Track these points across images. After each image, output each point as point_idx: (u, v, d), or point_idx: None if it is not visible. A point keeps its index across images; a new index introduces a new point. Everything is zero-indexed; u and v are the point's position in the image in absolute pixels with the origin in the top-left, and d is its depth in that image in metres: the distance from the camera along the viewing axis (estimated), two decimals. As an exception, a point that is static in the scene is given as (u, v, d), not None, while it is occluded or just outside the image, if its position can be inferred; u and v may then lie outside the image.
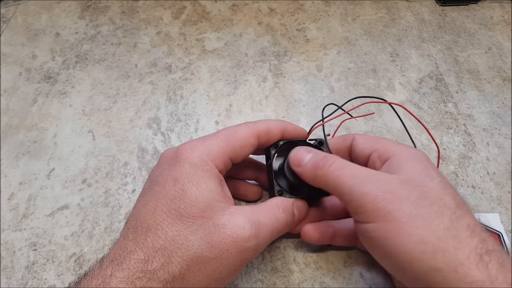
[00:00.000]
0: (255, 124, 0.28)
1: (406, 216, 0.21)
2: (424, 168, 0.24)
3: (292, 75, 0.44)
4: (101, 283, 0.21)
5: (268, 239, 0.25)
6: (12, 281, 0.30)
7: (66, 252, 0.32)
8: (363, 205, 0.23)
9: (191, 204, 0.23)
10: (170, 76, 0.44)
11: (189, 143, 0.26)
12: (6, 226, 0.33)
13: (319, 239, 0.29)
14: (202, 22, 0.50)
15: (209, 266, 0.23)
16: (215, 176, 0.25)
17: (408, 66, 0.45)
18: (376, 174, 0.24)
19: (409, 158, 0.25)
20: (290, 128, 0.29)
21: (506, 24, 0.49)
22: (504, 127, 0.39)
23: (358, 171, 0.24)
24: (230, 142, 0.26)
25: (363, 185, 0.23)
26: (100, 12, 0.51)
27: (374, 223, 0.22)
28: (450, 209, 0.22)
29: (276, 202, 0.27)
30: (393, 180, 0.23)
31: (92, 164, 0.37)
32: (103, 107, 0.41)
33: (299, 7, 0.51)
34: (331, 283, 0.30)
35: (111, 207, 0.34)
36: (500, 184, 0.35)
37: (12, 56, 0.46)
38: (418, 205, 0.22)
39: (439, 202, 0.22)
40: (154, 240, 0.22)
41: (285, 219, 0.26)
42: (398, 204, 0.22)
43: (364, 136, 0.29)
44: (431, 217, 0.21)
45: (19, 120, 0.40)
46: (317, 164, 0.25)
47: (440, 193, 0.23)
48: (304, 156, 0.26)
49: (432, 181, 0.23)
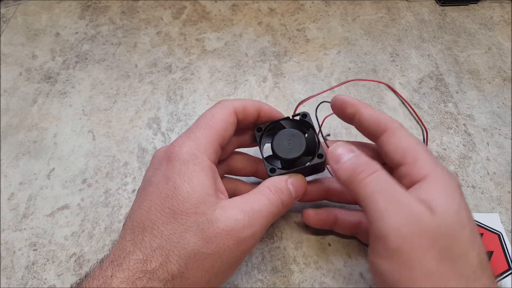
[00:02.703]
0: (230, 102, 0.28)
1: (425, 269, 0.21)
2: (457, 211, 0.22)
3: (292, 75, 0.44)
4: (102, 284, 0.21)
5: (264, 225, 0.25)
6: (12, 281, 0.30)
7: (66, 252, 0.32)
8: (387, 239, 0.21)
9: (184, 200, 0.23)
10: (170, 76, 0.44)
11: (177, 141, 0.25)
12: (6, 226, 0.33)
13: (317, 225, 0.29)
14: (202, 22, 0.50)
15: (207, 262, 0.22)
16: (207, 168, 0.25)
17: (408, 66, 0.45)
18: (412, 206, 0.22)
19: (440, 191, 0.23)
20: (266, 108, 0.29)
21: (506, 24, 0.49)
22: (504, 127, 0.39)
23: (396, 195, 0.23)
24: (213, 128, 0.26)
25: (396, 215, 0.22)
26: (100, 12, 0.51)
27: (391, 262, 0.21)
28: (471, 268, 0.21)
29: (267, 185, 0.26)
30: (425, 218, 0.21)
31: (92, 164, 0.37)
32: (103, 107, 0.41)
33: (299, 7, 0.51)
34: (331, 283, 0.30)
35: (111, 207, 0.34)
36: (500, 184, 0.35)
37: (12, 56, 0.46)
38: (441, 260, 0.21)
39: (463, 259, 0.21)
40: (151, 239, 0.22)
41: (280, 200, 0.26)
42: (421, 254, 0.21)
43: (399, 135, 0.26)
44: (449, 278, 0.21)
45: (19, 120, 0.40)
46: (356, 168, 0.24)
47: (466, 248, 0.21)
48: (344, 154, 0.25)
49: (463, 230, 0.22)
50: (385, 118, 0.27)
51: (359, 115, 0.28)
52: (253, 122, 0.29)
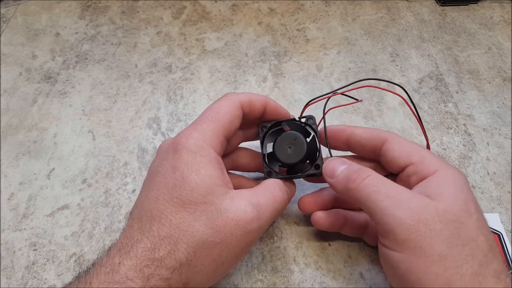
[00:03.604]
0: (237, 95, 0.28)
1: (436, 254, 0.21)
2: (464, 200, 0.23)
3: (292, 75, 0.44)
4: (110, 271, 0.21)
5: (269, 220, 0.25)
6: (12, 281, 0.30)
7: (66, 252, 0.32)
8: (394, 232, 0.22)
9: (192, 190, 0.23)
10: (170, 76, 0.44)
11: (183, 132, 0.26)
12: (6, 226, 0.33)
13: (328, 228, 0.29)
14: (202, 22, 0.50)
15: (215, 250, 0.23)
16: (214, 160, 0.25)
17: (408, 66, 0.45)
18: (413, 198, 0.23)
19: (450, 181, 0.24)
20: (272, 104, 0.29)
21: (506, 24, 0.49)
22: (504, 127, 0.39)
23: (394, 191, 0.23)
24: (219, 121, 0.26)
25: (398, 208, 0.22)
26: (100, 12, 0.51)
27: (401, 253, 0.22)
28: (482, 251, 0.21)
29: (272, 183, 0.27)
30: (430, 208, 0.22)
31: (92, 164, 0.37)
32: (103, 107, 0.41)
33: (299, 7, 0.51)
34: (331, 283, 0.30)
35: (111, 207, 0.34)
36: (500, 184, 0.35)
37: (12, 56, 0.46)
38: (451, 244, 0.21)
39: (472, 244, 0.21)
40: (159, 228, 0.22)
41: (283, 197, 0.27)
42: (430, 240, 0.21)
43: (399, 141, 0.27)
44: (462, 260, 0.21)
45: (19, 120, 0.40)
46: (350, 176, 0.25)
47: (475, 233, 0.22)
48: (337, 167, 0.26)
49: (470, 218, 0.22)
50: (379, 131, 0.29)
51: (354, 136, 0.29)
52: (259, 117, 0.30)
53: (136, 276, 0.21)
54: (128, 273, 0.21)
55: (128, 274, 0.21)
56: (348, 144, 0.30)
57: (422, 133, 0.30)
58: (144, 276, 0.21)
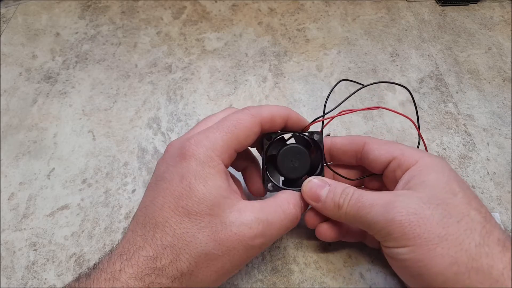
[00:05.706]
0: (259, 112, 0.27)
1: (435, 237, 0.21)
2: (446, 182, 0.24)
3: (292, 75, 0.44)
4: (110, 277, 0.21)
5: (275, 236, 0.25)
6: (12, 281, 0.30)
7: (66, 252, 0.32)
8: (390, 233, 0.23)
9: (199, 201, 0.23)
10: (170, 76, 0.44)
11: (194, 138, 0.25)
12: (6, 226, 0.33)
13: (333, 239, 0.29)
14: (202, 22, 0.50)
15: (217, 262, 0.23)
16: (222, 171, 0.25)
17: (408, 66, 0.45)
18: (395, 197, 0.24)
19: (430, 168, 0.25)
20: (294, 117, 0.28)
21: (506, 24, 0.49)
22: (504, 127, 0.39)
23: (375, 198, 0.24)
24: (234, 134, 0.25)
25: (385, 212, 0.23)
26: (100, 12, 0.51)
27: (404, 247, 0.22)
28: (479, 223, 0.22)
29: (286, 197, 0.26)
30: (414, 200, 0.23)
31: (92, 164, 0.37)
32: (103, 107, 0.41)
33: (299, 7, 0.51)
34: (331, 283, 0.30)
35: (111, 207, 0.34)
36: (500, 184, 0.35)
37: (12, 56, 0.46)
38: (445, 224, 0.22)
39: (466, 218, 0.22)
40: (163, 237, 0.22)
41: (296, 214, 0.26)
42: (424, 226, 0.22)
43: (377, 141, 0.28)
44: (461, 236, 0.21)
45: (19, 120, 0.40)
46: (337, 203, 0.25)
47: (465, 209, 0.22)
48: (320, 191, 0.26)
49: (455, 197, 0.23)
50: (357, 136, 0.30)
51: (335, 145, 0.30)
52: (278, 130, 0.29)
53: (137, 284, 0.21)
54: (129, 281, 0.21)
55: (129, 282, 0.21)
56: (330, 153, 0.30)
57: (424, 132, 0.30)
58: (144, 284, 0.21)
